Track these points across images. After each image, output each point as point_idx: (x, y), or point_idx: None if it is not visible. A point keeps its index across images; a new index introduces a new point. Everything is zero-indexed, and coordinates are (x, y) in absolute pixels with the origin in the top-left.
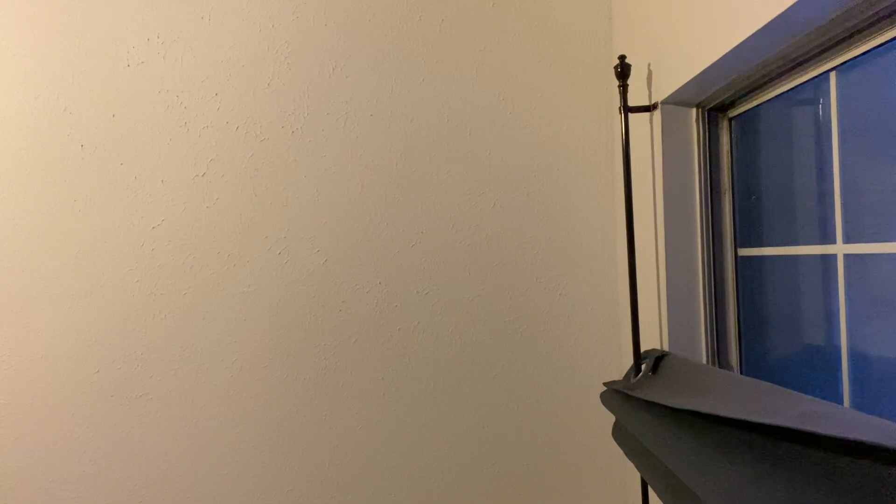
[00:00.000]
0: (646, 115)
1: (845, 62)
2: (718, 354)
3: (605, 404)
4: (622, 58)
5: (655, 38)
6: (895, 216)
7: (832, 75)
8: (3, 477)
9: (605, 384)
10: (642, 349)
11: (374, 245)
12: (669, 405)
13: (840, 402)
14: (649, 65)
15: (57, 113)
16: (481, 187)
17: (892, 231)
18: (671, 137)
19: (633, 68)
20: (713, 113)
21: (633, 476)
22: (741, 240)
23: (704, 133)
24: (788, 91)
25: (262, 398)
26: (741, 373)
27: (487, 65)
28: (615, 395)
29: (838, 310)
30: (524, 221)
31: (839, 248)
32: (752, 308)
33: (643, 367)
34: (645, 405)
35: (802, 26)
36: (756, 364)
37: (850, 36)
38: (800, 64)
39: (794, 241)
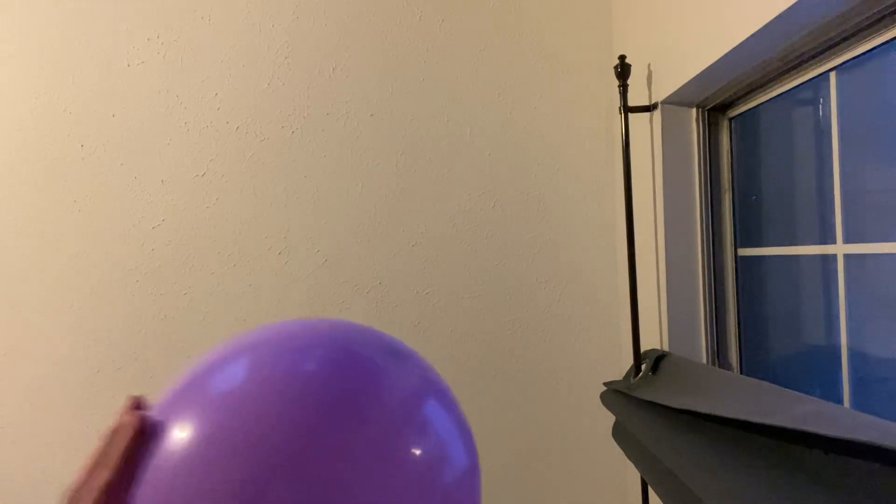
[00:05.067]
0: (646, 115)
1: (845, 62)
2: (718, 354)
3: (605, 404)
4: (622, 58)
5: (655, 38)
6: (895, 216)
7: (832, 75)
8: (3, 477)
9: (605, 384)
10: (642, 349)
11: (374, 245)
12: (669, 405)
13: (840, 402)
14: (649, 65)
15: (57, 113)
16: (481, 187)
17: (892, 231)
18: (671, 137)
19: (633, 68)
20: (713, 113)
21: (633, 476)
22: (741, 240)
23: (704, 133)
24: (788, 91)
25: None
26: (741, 373)
27: (487, 65)
28: (615, 395)
29: (838, 310)
30: (524, 221)
31: (839, 248)
32: (752, 308)
33: (643, 367)
34: (645, 405)
35: (802, 26)
36: (756, 364)
37: (850, 36)
38: (800, 64)
39: (794, 241)
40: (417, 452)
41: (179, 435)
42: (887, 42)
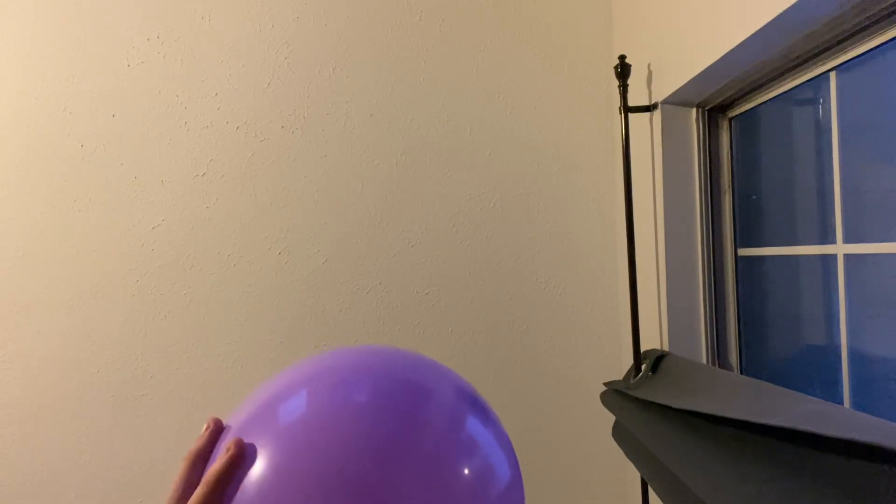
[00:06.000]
0: (646, 115)
1: (845, 62)
2: (718, 354)
3: (605, 404)
4: (622, 58)
5: (655, 38)
6: (895, 216)
7: (832, 75)
8: (3, 477)
9: (605, 384)
10: (642, 349)
11: (374, 245)
12: (669, 405)
13: (840, 402)
14: (649, 65)
15: (57, 113)
16: (481, 187)
17: (892, 231)
18: (671, 137)
19: (633, 68)
20: (713, 113)
21: (633, 476)
22: (741, 240)
23: (704, 133)
24: (788, 91)
25: None
26: (741, 373)
27: (487, 65)
28: (615, 395)
29: (838, 310)
30: (524, 221)
31: (839, 248)
32: (752, 308)
33: (643, 367)
34: (645, 405)
35: (802, 26)
36: (756, 364)
37: (850, 36)
38: (800, 64)
39: (794, 241)
40: (465, 472)
41: (261, 461)
42: (887, 42)
